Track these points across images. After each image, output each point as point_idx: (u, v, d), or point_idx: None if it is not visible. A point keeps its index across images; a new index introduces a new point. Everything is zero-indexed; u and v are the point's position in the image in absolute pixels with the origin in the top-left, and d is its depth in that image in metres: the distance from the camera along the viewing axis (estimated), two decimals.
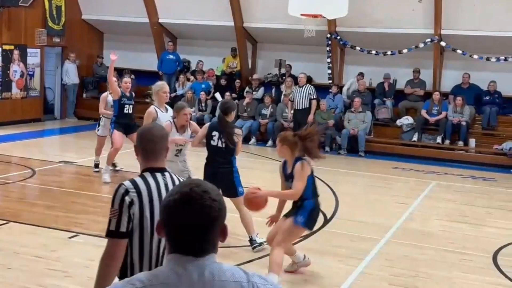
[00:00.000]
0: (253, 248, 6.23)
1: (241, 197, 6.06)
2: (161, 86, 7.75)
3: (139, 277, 1.60)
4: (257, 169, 11.30)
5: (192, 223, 1.59)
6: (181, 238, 1.60)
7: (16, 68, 14.61)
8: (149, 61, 16.12)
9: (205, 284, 1.57)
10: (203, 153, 6.51)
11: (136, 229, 2.74)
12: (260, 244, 6.21)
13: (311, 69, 14.71)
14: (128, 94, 9.28)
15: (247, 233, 6.29)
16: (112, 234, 2.73)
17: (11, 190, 8.55)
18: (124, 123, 9.14)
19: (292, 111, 13.40)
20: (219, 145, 6.20)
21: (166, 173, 2.84)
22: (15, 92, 14.69)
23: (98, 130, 9.76)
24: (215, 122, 6.53)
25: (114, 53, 9.16)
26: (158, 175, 2.81)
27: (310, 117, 12.72)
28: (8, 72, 14.41)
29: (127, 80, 9.53)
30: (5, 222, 6.71)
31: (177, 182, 2.82)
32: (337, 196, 9.00)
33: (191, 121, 6.99)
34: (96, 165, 9.76)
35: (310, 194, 5.35)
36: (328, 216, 7.86)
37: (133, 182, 2.78)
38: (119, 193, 2.74)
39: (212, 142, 6.25)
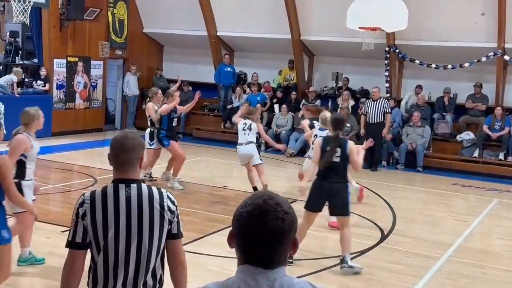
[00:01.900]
0: (341, 268, 6.11)
1: (349, 217, 6.08)
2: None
3: (210, 287, 1.62)
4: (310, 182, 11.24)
5: (265, 235, 1.59)
6: (252, 249, 1.61)
7: (80, 80, 15.14)
8: (206, 73, 16.37)
9: None
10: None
11: (92, 241, 2.70)
12: (350, 267, 6.06)
13: (368, 82, 14.55)
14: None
15: (342, 252, 6.12)
16: (68, 244, 2.73)
17: (74, 198, 8.80)
18: (172, 135, 9.69)
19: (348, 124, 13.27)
20: (334, 159, 6.02)
21: (133, 185, 2.73)
22: (79, 102, 15.21)
23: (152, 144, 9.58)
24: (329, 137, 6.31)
25: (199, 93, 10.57)
26: (122, 186, 2.72)
27: (385, 131, 12.52)
28: (72, 83, 14.94)
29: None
30: (67, 228, 6.92)
31: (145, 194, 2.73)
32: (394, 211, 8.84)
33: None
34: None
35: None
36: (385, 232, 7.73)
37: (92, 193, 2.74)
38: (76, 204, 2.74)
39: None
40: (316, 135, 7.61)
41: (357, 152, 6.22)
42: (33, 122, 5.51)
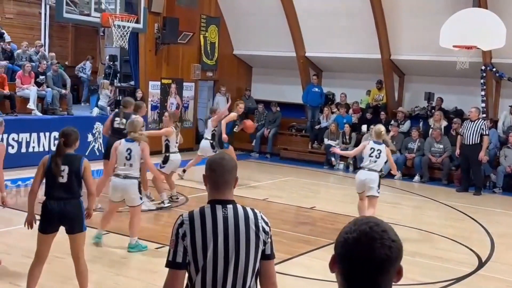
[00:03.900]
0: None
1: None
2: None
3: None
4: (401, 204, 10.95)
5: (370, 262, 1.56)
6: (356, 276, 1.59)
7: (172, 101, 15.68)
8: (293, 94, 16.46)
9: None
10: None
11: (191, 261, 2.71)
12: None
13: (462, 102, 14.06)
14: None
15: None
16: (168, 264, 2.75)
17: (166, 215, 9.07)
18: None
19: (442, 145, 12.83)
20: None
21: (229, 206, 2.78)
22: None
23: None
24: None
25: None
26: (218, 207, 2.76)
27: (482, 154, 11.98)
28: (166, 104, 15.50)
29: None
30: (160, 245, 7.12)
31: (241, 215, 2.76)
32: (492, 237, 8.40)
33: None
34: None
35: None
36: (483, 259, 7.35)
37: (190, 214, 2.77)
38: (175, 224, 2.77)
39: None
40: (372, 148, 7.85)
41: None
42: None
